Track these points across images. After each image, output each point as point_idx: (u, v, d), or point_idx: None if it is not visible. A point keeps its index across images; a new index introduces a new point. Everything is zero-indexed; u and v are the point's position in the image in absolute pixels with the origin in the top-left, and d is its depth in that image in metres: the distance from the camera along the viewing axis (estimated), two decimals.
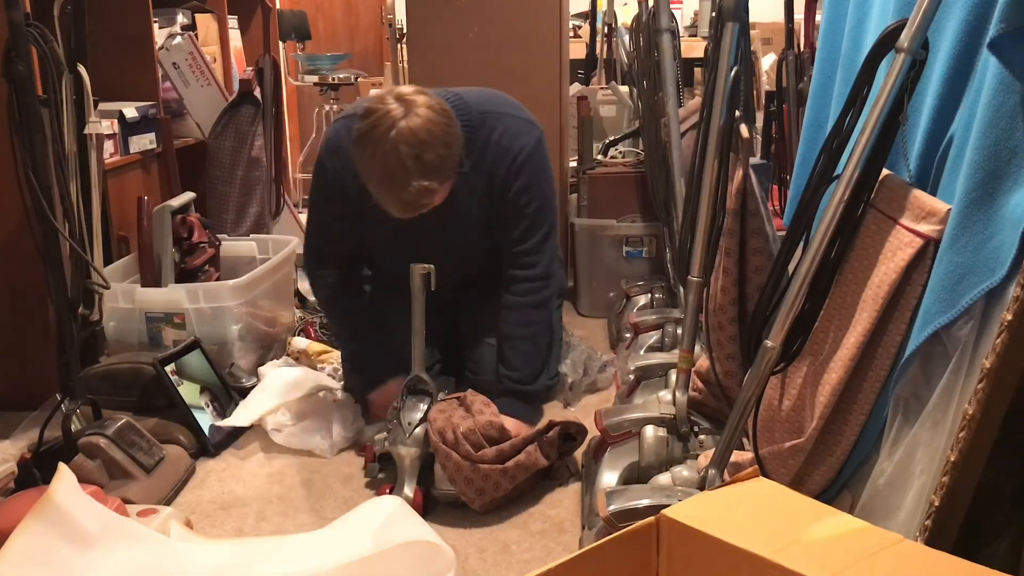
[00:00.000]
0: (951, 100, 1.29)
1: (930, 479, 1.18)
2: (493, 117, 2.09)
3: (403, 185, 1.81)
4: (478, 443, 1.81)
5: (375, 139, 1.79)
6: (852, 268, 1.40)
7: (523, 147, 2.09)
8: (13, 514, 1.50)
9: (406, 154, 1.78)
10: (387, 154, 1.79)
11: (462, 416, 1.86)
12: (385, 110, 1.81)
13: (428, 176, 1.81)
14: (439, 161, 1.83)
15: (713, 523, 1.04)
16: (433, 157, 1.81)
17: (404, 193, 1.82)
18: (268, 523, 1.81)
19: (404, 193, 1.82)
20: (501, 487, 1.79)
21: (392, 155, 1.78)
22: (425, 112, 1.81)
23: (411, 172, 1.79)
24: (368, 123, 1.81)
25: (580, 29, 5.25)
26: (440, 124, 1.83)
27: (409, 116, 1.79)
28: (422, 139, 1.79)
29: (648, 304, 2.61)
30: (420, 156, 1.79)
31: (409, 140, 1.78)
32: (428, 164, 1.81)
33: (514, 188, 2.09)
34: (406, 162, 1.78)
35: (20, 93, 1.77)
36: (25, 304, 2.26)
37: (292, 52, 5.33)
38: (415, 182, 1.81)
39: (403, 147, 1.78)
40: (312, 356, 2.54)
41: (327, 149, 2.13)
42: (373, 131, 1.80)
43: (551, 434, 1.87)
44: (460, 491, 1.78)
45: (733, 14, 1.57)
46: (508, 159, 2.07)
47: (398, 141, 1.78)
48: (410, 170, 1.79)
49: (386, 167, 1.80)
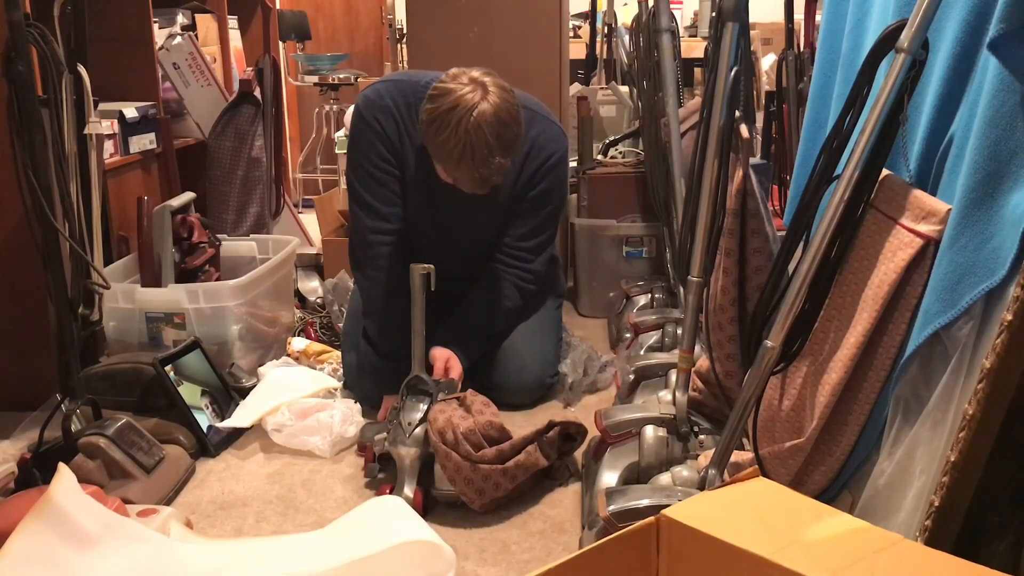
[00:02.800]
0: (951, 100, 1.29)
1: (930, 479, 1.18)
2: (532, 115, 2.16)
3: (484, 161, 1.90)
4: (478, 443, 1.81)
5: (458, 118, 1.87)
6: (852, 268, 1.40)
7: (556, 152, 2.19)
8: (13, 514, 1.50)
9: (490, 132, 1.89)
10: (471, 132, 1.87)
11: (462, 416, 1.86)
12: (461, 92, 1.89)
13: (506, 153, 1.94)
14: (514, 139, 1.97)
15: (713, 523, 1.04)
16: (510, 135, 1.94)
17: (484, 168, 1.92)
18: (268, 523, 1.81)
19: (484, 168, 1.92)
20: (501, 487, 1.79)
21: (477, 133, 1.88)
22: (499, 93, 1.92)
23: (493, 149, 1.90)
24: (446, 103, 1.89)
25: (580, 29, 5.25)
26: (513, 105, 1.95)
27: (488, 97, 1.90)
28: (502, 118, 1.90)
29: (648, 304, 2.61)
30: (501, 134, 1.90)
31: (492, 120, 1.89)
32: (507, 142, 1.93)
33: (538, 188, 2.18)
34: (489, 139, 1.89)
35: (20, 93, 1.76)
36: (25, 304, 2.26)
37: (292, 52, 5.33)
38: (496, 159, 1.91)
39: (487, 126, 1.88)
40: (312, 356, 2.54)
41: (377, 112, 2.14)
42: (454, 111, 1.88)
43: (551, 434, 1.87)
44: (460, 491, 1.78)
45: (733, 14, 1.57)
46: (541, 158, 2.16)
47: (481, 120, 1.88)
48: (492, 147, 1.90)
49: (471, 144, 1.88)
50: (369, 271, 2.19)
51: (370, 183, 2.15)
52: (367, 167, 2.15)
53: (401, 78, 2.20)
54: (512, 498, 1.84)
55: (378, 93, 2.15)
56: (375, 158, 2.14)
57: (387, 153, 2.13)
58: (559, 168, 2.20)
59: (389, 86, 2.16)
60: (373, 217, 2.16)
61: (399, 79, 2.19)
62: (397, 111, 2.13)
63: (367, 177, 2.16)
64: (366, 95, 2.17)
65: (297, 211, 3.61)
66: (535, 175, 2.17)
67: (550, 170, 2.18)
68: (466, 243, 2.27)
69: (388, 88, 2.16)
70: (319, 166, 5.17)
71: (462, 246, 2.27)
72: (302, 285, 3.05)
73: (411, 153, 2.14)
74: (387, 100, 2.13)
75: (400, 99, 2.13)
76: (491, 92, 1.91)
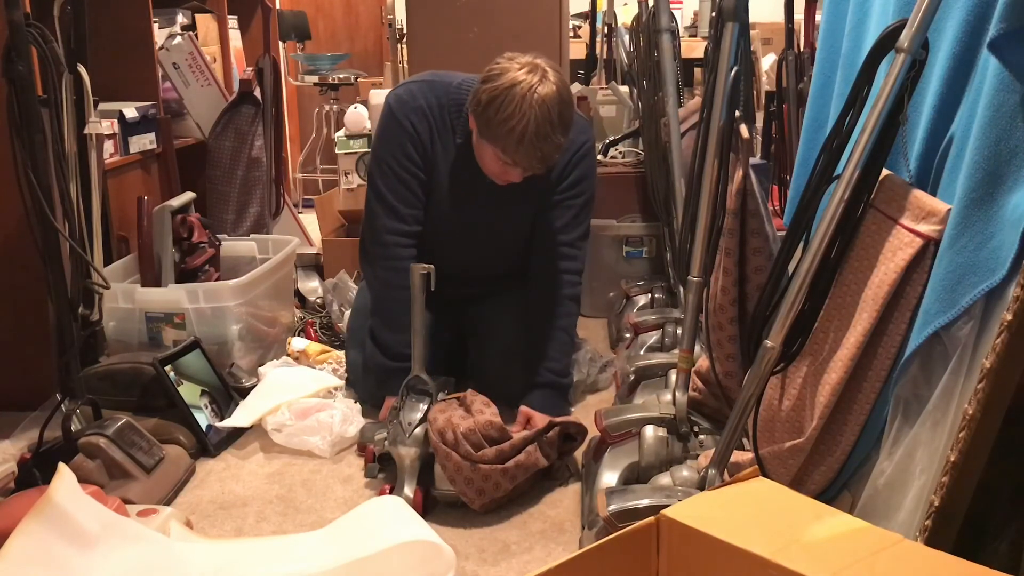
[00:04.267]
0: (951, 100, 1.29)
1: (930, 479, 1.18)
2: None
3: (547, 139, 1.93)
4: (478, 443, 1.81)
5: (521, 94, 1.90)
6: (852, 268, 1.40)
7: (585, 142, 2.20)
8: (13, 514, 1.50)
9: (554, 111, 1.91)
10: (536, 107, 1.90)
11: (462, 416, 1.86)
12: (520, 72, 1.93)
13: (565, 131, 1.97)
14: (571, 119, 2.01)
15: (713, 523, 1.04)
16: (569, 115, 1.98)
17: (546, 146, 1.94)
18: (268, 523, 1.81)
19: (546, 146, 1.94)
20: (501, 487, 1.79)
21: (542, 109, 1.90)
22: (555, 74, 1.96)
23: (556, 126, 1.93)
24: (507, 81, 1.91)
25: (580, 29, 5.25)
26: (567, 86, 2.00)
27: (547, 76, 1.93)
28: (563, 97, 1.95)
29: (648, 304, 2.61)
30: (563, 113, 1.94)
31: (555, 97, 1.92)
32: (567, 120, 1.97)
33: (570, 178, 2.18)
34: (553, 118, 1.92)
35: (20, 93, 1.76)
36: (25, 304, 2.26)
37: (292, 52, 5.34)
38: (558, 137, 1.94)
39: (550, 103, 1.91)
40: (312, 356, 2.54)
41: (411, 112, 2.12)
42: (516, 88, 1.90)
43: (551, 434, 1.87)
44: (460, 491, 1.78)
45: (733, 14, 1.57)
46: (573, 148, 2.16)
47: (545, 99, 1.90)
48: (555, 124, 1.92)
49: (536, 120, 1.90)
50: (380, 271, 2.17)
51: (394, 182, 2.14)
52: (393, 166, 2.13)
53: (433, 79, 2.19)
54: (512, 498, 1.84)
55: (411, 93, 2.14)
56: (402, 158, 2.12)
57: (415, 155, 2.12)
58: (589, 156, 2.21)
59: (422, 87, 2.15)
60: (392, 217, 2.14)
61: (431, 80, 2.18)
62: (430, 112, 2.12)
63: (392, 176, 2.14)
64: (398, 95, 2.16)
65: (297, 211, 3.61)
66: (567, 166, 2.16)
67: (581, 159, 2.18)
68: (496, 245, 2.27)
69: (421, 88, 2.15)
70: (319, 166, 5.17)
71: (490, 249, 2.27)
72: (302, 285, 3.05)
73: (441, 154, 2.14)
74: (420, 100, 2.12)
75: (433, 100, 2.13)
76: (548, 72, 1.94)
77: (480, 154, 2.05)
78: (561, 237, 2.18)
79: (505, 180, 2.05)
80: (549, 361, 2.15)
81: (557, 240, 2.18)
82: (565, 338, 2.19)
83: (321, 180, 5.13)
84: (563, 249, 2.19)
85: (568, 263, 2.19)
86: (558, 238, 2.18)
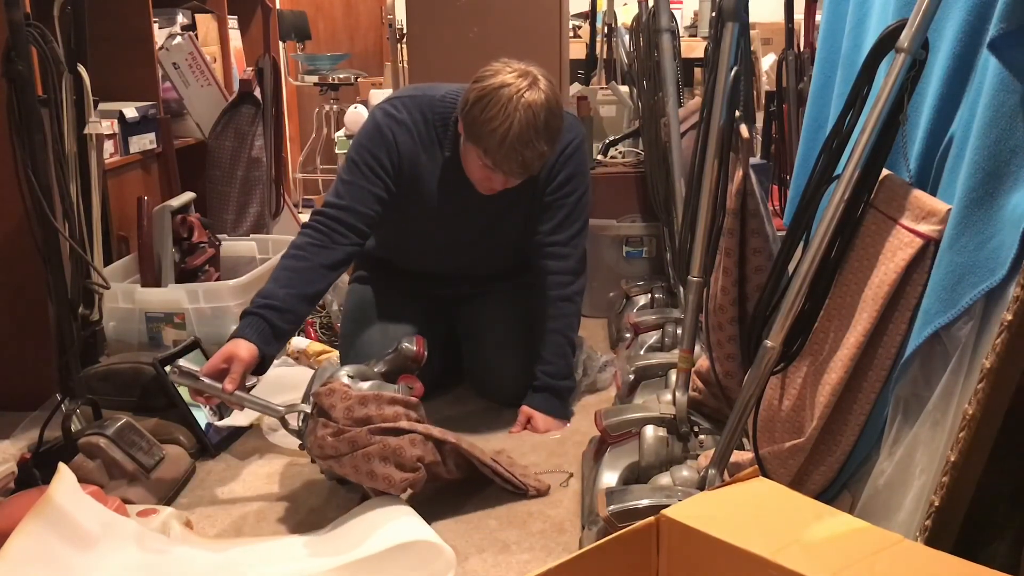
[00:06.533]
0: (951, 100, 1.29)
1: (930, 479, 1.18)
2: None
3: (529, 144, 1.90)
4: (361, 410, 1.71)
5: (508, 96, 1.88)
6: (852, 268, 1.40)
7: (572, 140, 2.17)
8: (13, 514, 1.50)
9: (539, 117, 1.90)
10: (521, 111, 1.88)
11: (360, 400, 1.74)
12: (511, 76, 1.92)
13: (550, 142, 1.95)
14: (558, 131, 1.98)
15: (713, 523, 1.04)
16: (556, 126, 1.96)
17: (528, 151, 1.91)
18: (268, 523, 1.81)
19: (528, 151, 1.91)
20: (359, 443, 1.67)
21: (527, 113, 1.88)
22: (547, 83, 1.95)
23: (540, 133, 1.91)
24: (496, 83, 1.90)
25: (580, 29, 5.25)
26: (558, 97, 1.98)
27: (538, 83, 1.92)
28: (551, 107, 1.93)
29: (648, 304, 2.61)
30: (549, 121, 1.92)
31: (541, 106, 1.90)
32: (553, 130, 1.95)
33: (559, 178, 2.16)
34: (538, 125, 1.90)
35: (20, 93, 1.76)
36: (25, 304, 2.26)
37: (292, 52, 5.34)
38: (541, 145, 1.92)
39: (536, 108, 1.90)
40: (312, 356, 2.54)
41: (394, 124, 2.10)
42: (504, 90, 1.89)
43: (471, 451, 1.78)
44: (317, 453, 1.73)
45: (733, 14, 1.57)
46: (560, 147, 2.13)
47: (532, 104, 1.89)
48: (540, 131, 1.91)
49: (520, 123, 1.88)
50: (299, 238, 2.04)
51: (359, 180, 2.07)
52: (361, 166, 2.09)
53: (416, 93, 2.17)
54: (449, 485, 1.80)
55: (395, 108, 2.13)
56: (372, 161, 2.09)
57: (389, 165, 2.09)
58: (577, 154, 2.19)
59: (406, 102, 2.14)
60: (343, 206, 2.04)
61: (414, 94, 2.17)
62: (415, 127, 2.11)
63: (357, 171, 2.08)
64: (384, 108, 2.15)
65: (297, 211, 3.61)
66: (555, 165, 2.15)
67: (568, 158, 2.16)
68: (488, 250, 2.26)
69: (405, 104, 2.13)
70: (319, 166, 5.18)
71: (483, 253, 2.27)
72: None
73: (428, 166, 2.12)
74: (405, 115, 2.11)
75: (418, 115, 2.12)
76: (540, 80, 1.94)
77: (465, 160, 2.04)
78: (552, 238, 2.17)
79: (488, 188, 2.03)
80: (543, 364, 2.16)
81: (547, 241, 2.18)
82: (559, 340, 2.18)
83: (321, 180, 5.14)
84: (553, 249, 2.17)
85: (558, 263, 2.18)
86: (548, 239, 2.17)
